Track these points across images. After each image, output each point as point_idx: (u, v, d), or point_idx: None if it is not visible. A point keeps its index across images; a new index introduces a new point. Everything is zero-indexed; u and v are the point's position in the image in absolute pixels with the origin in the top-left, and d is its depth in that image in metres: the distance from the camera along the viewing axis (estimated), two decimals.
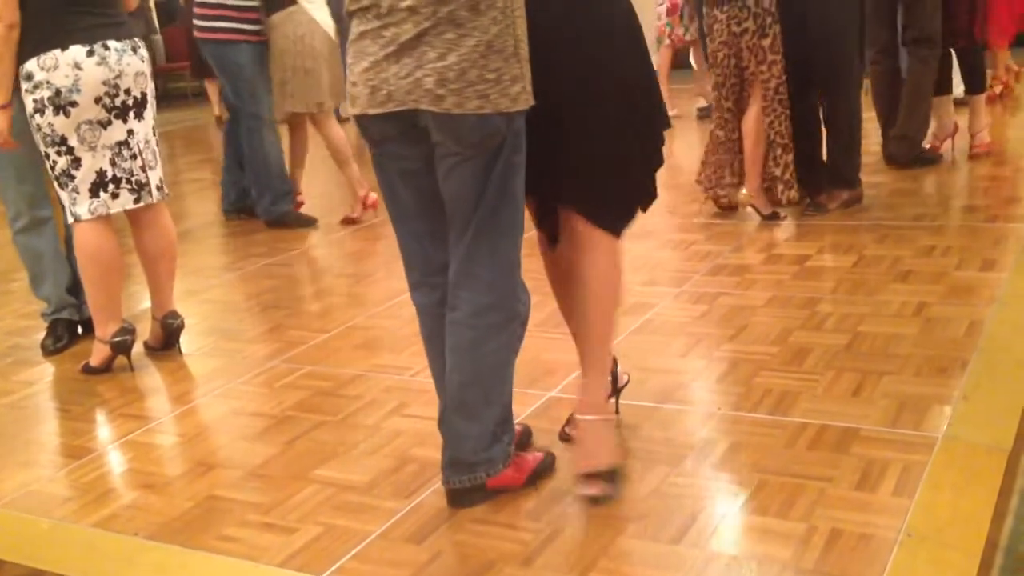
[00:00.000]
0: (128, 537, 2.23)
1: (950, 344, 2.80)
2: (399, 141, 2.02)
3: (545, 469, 2.28)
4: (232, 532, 2.20)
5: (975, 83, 4.97)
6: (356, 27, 1.98)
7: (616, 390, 2.53)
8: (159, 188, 3.25)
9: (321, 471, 2.43)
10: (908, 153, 4.89)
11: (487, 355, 2.11)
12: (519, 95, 1.95)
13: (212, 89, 9.77)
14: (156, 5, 11.75)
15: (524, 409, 2.66)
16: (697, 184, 4.42)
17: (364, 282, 4.03)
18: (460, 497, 2.19)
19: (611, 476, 2.17)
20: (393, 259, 4.38)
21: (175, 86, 12.20)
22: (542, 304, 3.46)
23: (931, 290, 3.20)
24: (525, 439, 2.45)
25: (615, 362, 2.48)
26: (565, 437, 2.47)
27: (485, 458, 2.15)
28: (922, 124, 4.91)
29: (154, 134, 3.24)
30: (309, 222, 5.09)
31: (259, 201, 5.14)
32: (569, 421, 2.45)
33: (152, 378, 3.23)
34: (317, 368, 3.15)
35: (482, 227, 2.02)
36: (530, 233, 2.27)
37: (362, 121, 2.02)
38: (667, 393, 2.69)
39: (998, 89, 6.42)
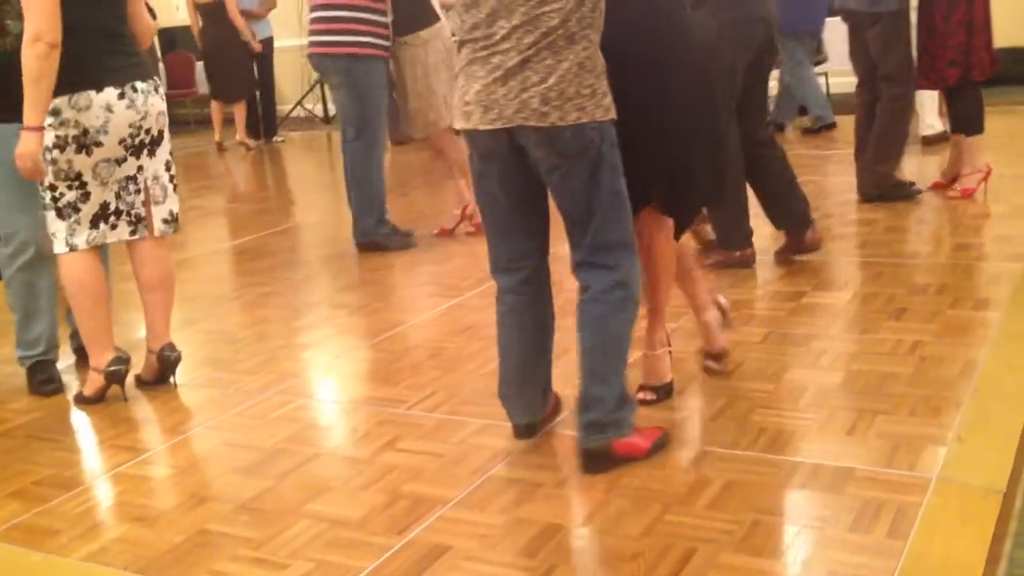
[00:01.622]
0: (118, 571, 2.22)
1: (944, 384, 2.80)
2: (503, 153, 2.37)
3: (664, 443, 2.56)
4: (223, 567, 2.18)
5: (962, 125, 4.95)
6: (466, 55, 2.36)
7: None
8: (166, 222, 3.26)
9: (313, 506, 2.42)
10: (874, 187, 4.90)
11: (613, 327, 2.46)
12: (610, 106, 2.33)
13: (217, 115, 9.81)
14: (158, 33, 11.82)
15: (518, 444, 2.66)
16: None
17: (360, 313, 4.03)
18: (592, 461, 2.47)
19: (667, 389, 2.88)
20: (389, 290, 4.43)
21: (177, 112, 12.23)
22: None
23: (925, 328, 3.21)
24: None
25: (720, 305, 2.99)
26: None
27: (615, 419, 2.47)
28: (889, 160, 4.90)
29: (167, 169, 3.25)
30: (408, 243, 5.00)
31: (360, 221, 4.92)
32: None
33: (145, 409, 3.22)
34: (311, 400, 3.14)
35: (601, 226, 2.39)
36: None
37: (473, 135, 2.38)
38: (662, 430, 2.68)
39: None
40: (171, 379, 3.34)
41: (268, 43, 9.58)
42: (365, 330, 3.79)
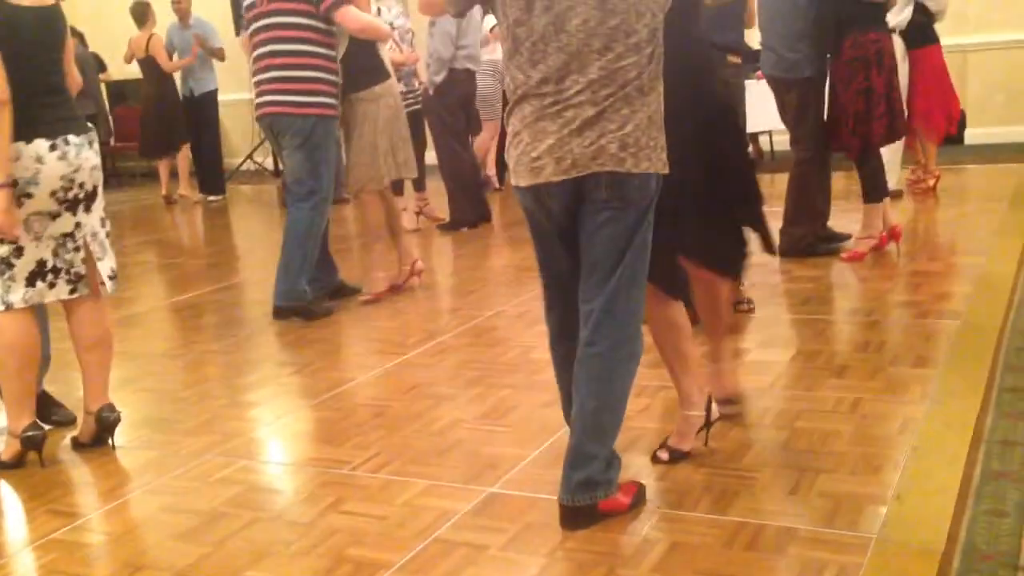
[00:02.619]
0: None
1: (884, 442, 2.84)
2: (568, 205, 2.42)
3: (642, 497, 2.58)
4: None
5: (864, 192, 5.06)
6: (532, 111, 2.39)
7: (707, 423, 2.87)
8: (111, 278, 3.21)
9: (253, 573, 2.37)
10: (789, 247, 4.96)
11: (618, 385, 2.49)
12: (667, 161, 2.42)
13: (164, 169, 9.73)
14: (106, 85, 11.75)
15: (463, 505, 2.64)
16: None
17: (305, 371, 3.98)
18: (575, 518, 2.46)
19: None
20: (335, 348, 4.39)
21: (123, 165, 12.14)
22: (483, 396, 3.47)
23: (866, 386, 3.25)
24: None
25: (709, 398, 2.88)
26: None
27: (605, 479, 2.49)
28: (800, 222, 5.01)
29: (103, 225, 3.21)
30: (329, 310, 4.85)
31: (290, 282, 4.71)
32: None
33: (80, 471, 3.13)
34: (253, 462, 3.09)
35: (624, 274, 2.42)
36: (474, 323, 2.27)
37: (539, 191, 2.42)
38: None
39: (931, 182, 6.64)
40: (109, 441, 3.26)
41: (212, 96, 9.49)
42: (310, 389, 3.74)
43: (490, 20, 7.78)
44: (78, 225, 3.12)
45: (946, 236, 5.41)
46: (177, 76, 9.39)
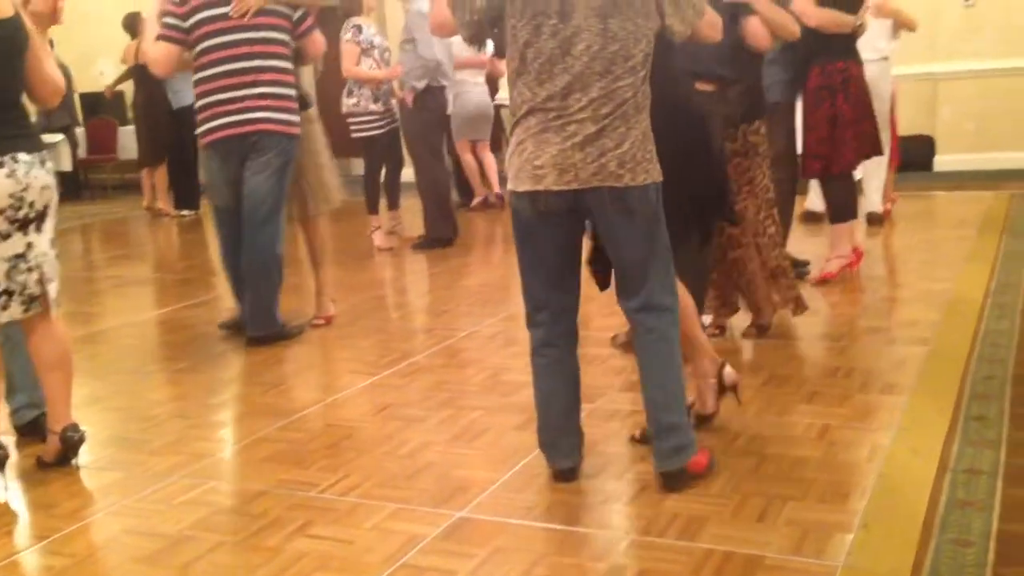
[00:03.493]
0: None
1: (852, 469, 2.85)
2: (563, 213, 2.65)
3: (714, 461, 2.86)
4: None
5: (829, 212, 5.15)
6: (536, 123, 2.61)
7: (723, 389, 3.19)
8: (55, 300, 3.14)
9: None
10: None
11: (676, 361, 2.78)
12: (659, 170, 2.67)
13: (148, 180, 9.65)
14: (80, 96, 11.67)
15: (432, 529, 2.63)
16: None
17: (275, 391, 3.96)
18: (675, 480, 2.74)
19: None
20: (306, 368, 4.36)
21: (96, 177, 12.05)
22: (454, 418, 3.46)
23: (835, 412, 3.27)
24: None
25: (722, 363, 3.19)
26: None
27: (689, 440, 2.77)
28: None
29: (52, 247, 3.16)
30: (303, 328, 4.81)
31: (267, 311, 4.56)
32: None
33: (43, 492, 3.08)
34: (220, 483, 3.06)
35: (658, 270, 2.72)
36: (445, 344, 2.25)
37: (536, 196, 2.63)
38: (576, 516, 2.67)
39: (888, 206, 6.74)
40: (73, 461, 3.22)
41: (189, 110, 9.44)
42: (280, 409, 3.71)
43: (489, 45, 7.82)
44: (30, 245, 3.07)
45: (915, 262, 5.47)
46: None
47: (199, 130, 4.56)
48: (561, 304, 2.81)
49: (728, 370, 3.20)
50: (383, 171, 7.06)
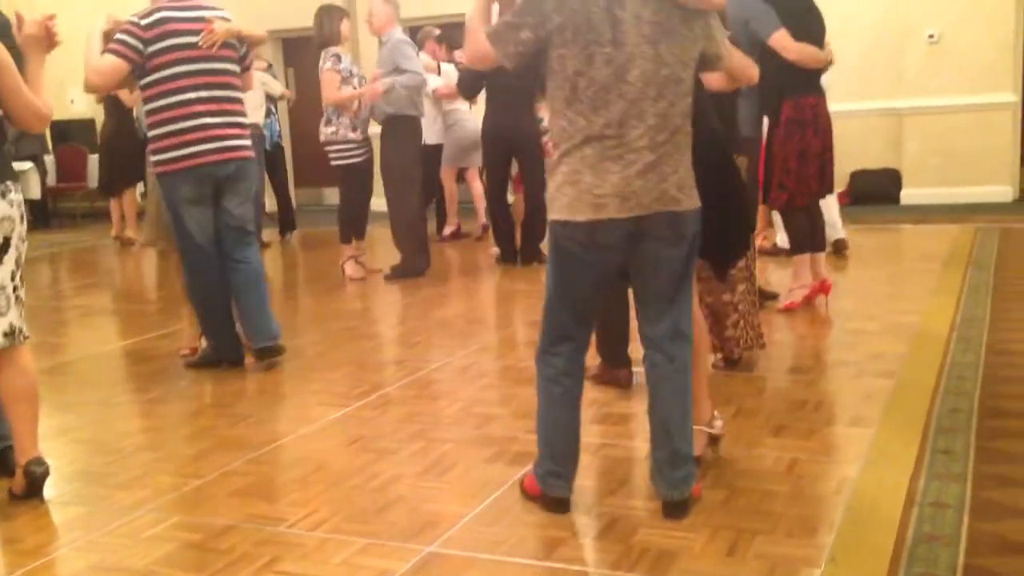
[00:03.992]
0: None
1: (820, 502, 2.87)
2: (618, 242, 2.68)
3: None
4: None
5: (791, 243, 5.28)
6: (592, 152, 2.63)
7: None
8: (6, 335, 3.07)
9: None
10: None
11: (690, 391, 2.86)
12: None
13: (116, 208, 9.60)
14: (49, 124, 11.61)
15: (402, 565, 2.61)
16: None
17: (245, 423, 3.93)
18: (683, 509, 2.81)
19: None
20: (276, 399, 4.33)
21: (64, 206, 11.96)
22: (425, 451, 3.45)
23: (803, 446, 3.30)
24: None
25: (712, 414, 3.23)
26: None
27: (694, 470, 2.87)
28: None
29: (12, 279, 3.10)
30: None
31: (271, 323, 4.70)
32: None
33: (8, 527, 3.03)
34: (187, 518, 3.02)
35: (684, 296, 2.81)
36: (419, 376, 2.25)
37: (595, 227, 2.64)
38: (547, 551, 2.67)
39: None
40: (40, 494, 3.17)
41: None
42: (249, 441, 3.68)
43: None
44: None
45: (882, 295, 5.53)
46: None
47: (166, 156, 4.45)
48: (585, 337, 2.87)
49: (719, 422, 3.23)
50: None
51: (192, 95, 4.42)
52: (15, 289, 3.13)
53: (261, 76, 7.01)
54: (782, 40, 4.84)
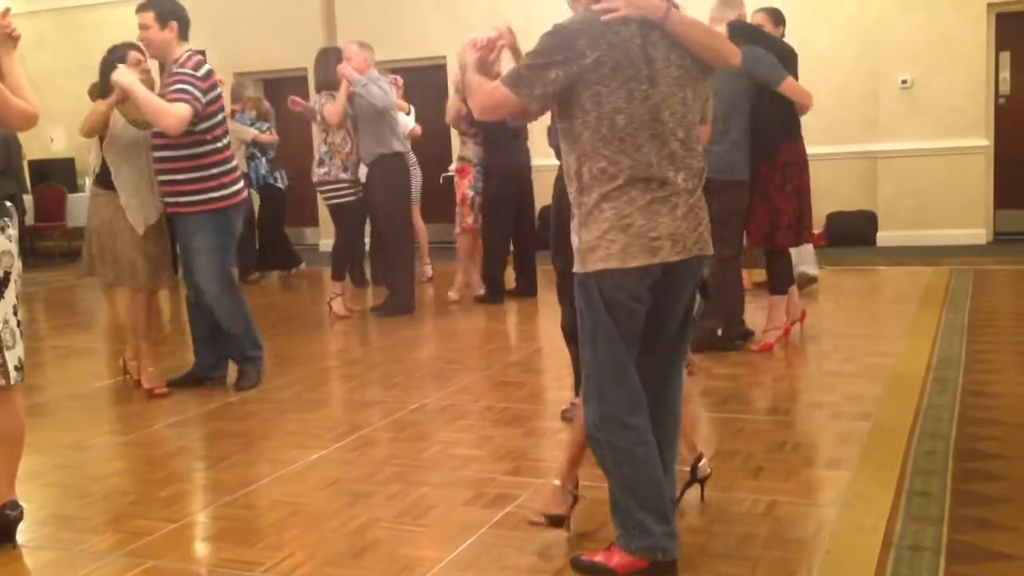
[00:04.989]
0: None
1: (798, 545, 2.87)
2: (653, 286, 2.62)
3: None
4: None
5: (774, 284, 5.38)
6: (639, 194, 2.58)
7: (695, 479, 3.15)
8: (17, 368, 3.09)
9: None
10: (700, 340, 5.02)
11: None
12: None
13: None
14: (29, 164, 11.58)
15: None
16: None
17: (221, 465, 3.89)
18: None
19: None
20: (253, 441, 4.30)
21: (43, 245, 11.90)
22: (402, 494, 3.43)
23: (781, 488, 3.30)
24: None
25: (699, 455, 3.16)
26: None
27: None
28: (714, 316, 5.16)
29: (15, 313, 3.10)
30: None
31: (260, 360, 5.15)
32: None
33: None
34: (161, 563, 2.98)
35: (684, 336, 2.80)
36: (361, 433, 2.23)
37: (649, 270, 2.58)
38: None
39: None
40: (12, 539, 3.12)
41: None
42: (223, 485, 3.65)
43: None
44: None
45: (858, 336, 5.58)
46: None
47: (229, 191, 4.89)
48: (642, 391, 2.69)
49: (704, 463, 3.17)
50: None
51: (227, 140, 4.95)
52: (18, 324, 3.12)
53: (231, 125, 7.10)
54: (793, 86, 5.04)
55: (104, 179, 4.91)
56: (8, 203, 3.19)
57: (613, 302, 2.58)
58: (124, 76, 4.62)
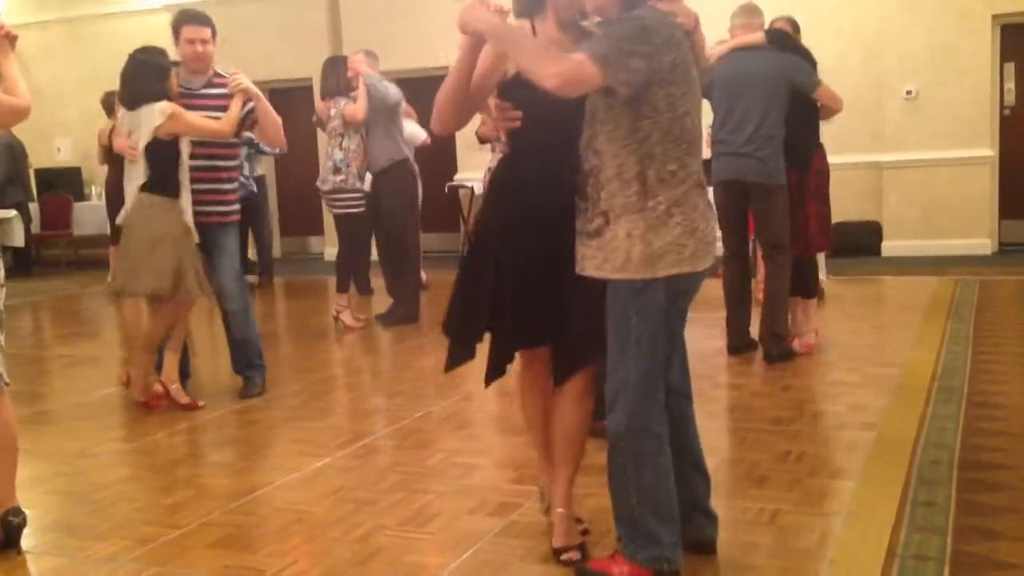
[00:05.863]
0: None
1: (803, 555, 2.86)
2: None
3: None
4: None
5: (807, 289, 5.42)
6: (700, 199, 2.60)
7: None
8: None
9: None
10: (780, 348, 5.18)
11: None
12: None
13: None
14: (35, 172, 11.63)
15: None
16: None
17: (226, 472, 3.90)
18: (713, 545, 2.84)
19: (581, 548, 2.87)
20: (257, 449, 4.31)
21: (49, 253, 11.93)
22: (406, 502, 3.43)
23: (785, 497, 3.30)
24: None
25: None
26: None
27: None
28: (786, 321, 5.27)
29: None
30: None
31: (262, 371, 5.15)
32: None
33: None
34: (165, 569, 2.99)
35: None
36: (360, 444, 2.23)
37: (696, 275, 2.59)
38: None
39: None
40: (17, 546, 3.13)
41: None
42: (229, 491, 3.65)
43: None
44: None
45: (863, 346, 5.57)
46: None
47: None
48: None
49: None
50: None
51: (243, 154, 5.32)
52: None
53: None
54: (829, 91, 5.11)
55: (161, 186, 4.75)
56: (5, 214, 3.17)
57: (675, 305, 2.59)
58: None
